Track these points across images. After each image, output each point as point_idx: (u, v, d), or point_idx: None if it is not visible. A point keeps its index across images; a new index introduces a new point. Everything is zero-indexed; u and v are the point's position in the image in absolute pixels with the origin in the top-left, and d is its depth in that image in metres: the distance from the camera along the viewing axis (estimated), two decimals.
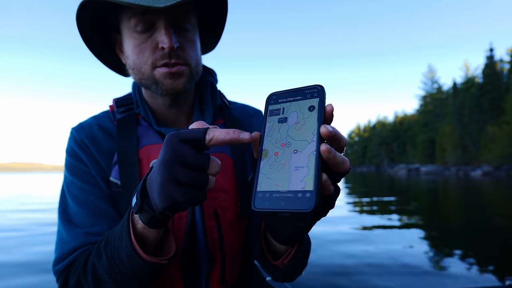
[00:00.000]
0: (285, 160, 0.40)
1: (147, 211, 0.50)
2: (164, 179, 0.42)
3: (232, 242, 0.78)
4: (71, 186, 0.75)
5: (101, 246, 0.60)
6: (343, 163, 0.40)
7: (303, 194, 0.37)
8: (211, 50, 0.93)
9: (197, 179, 0.43)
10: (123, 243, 0.55)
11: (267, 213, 0.39)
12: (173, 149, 0.43)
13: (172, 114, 0.81)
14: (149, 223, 0.52)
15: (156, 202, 0.45)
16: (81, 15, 0.71)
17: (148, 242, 0.56)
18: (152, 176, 0.46)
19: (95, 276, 0.59)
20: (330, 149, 0.38)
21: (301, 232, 0.54)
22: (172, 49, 0.68)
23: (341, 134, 0.41)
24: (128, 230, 0.55)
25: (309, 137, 0.40)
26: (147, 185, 0.48)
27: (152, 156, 0.74)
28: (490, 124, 44.93)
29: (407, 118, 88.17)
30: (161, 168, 0.43)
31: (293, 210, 0.37)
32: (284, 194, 0.39)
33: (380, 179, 26.19)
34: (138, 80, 0.75)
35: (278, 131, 0.43)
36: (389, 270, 3.13)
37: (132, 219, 0.55)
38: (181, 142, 0.43)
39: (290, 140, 0.41)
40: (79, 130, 0.79)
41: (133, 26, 0.70)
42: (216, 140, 0.42)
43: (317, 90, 0.43)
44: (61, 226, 0.72)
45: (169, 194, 0.42)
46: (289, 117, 0.43)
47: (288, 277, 0.68)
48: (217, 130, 0.43)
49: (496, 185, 17.51)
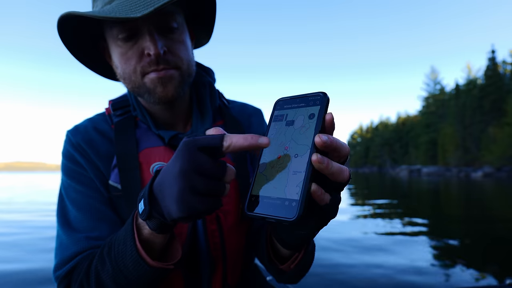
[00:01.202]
0: (286, 164, 0.41)
1: (156, 218, 0.49)
2: (182, 188, 0.42)
3: (233, 245, 0.77)
4: (69, 190, 0.74)
5: (104, 252, 0.59)
6: (339, 172, 0.40)
7: (289, 202, 0.38)
8: (206, 43, 0.92)
9: (214, 188, 0.43)
10: (127, 248, 0.54)
11: (257, 217, 0.41)
12: (191, 158, 0.42)
13: (169, 117, 0.80)
14: (157, 229, 0.51)
15: (172, 211, 0.44)
16: (62, 28, 0.69)
17: (155, 247, 0.56)
18: (164, 184, 0.45)
19: (99, 282, 0.58)
20: (322, 159, 0.38)
21: (306, 239, 0.53)
22: (158, 56, 0.67)
23: (341, 143, 0.41)
24: (133, 235, 0.54)
25: (308, 144, 0.40)
26: (156, 192, 0.47)
27: (152, 159, 0.73)
28: (492, 125, 45.04)
29: (409, 119, 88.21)
30: (179, 177, 0.42)
31: (279, 217, 0.38)
32: (273, 200, 0.39)
33: (381, 180, 26.19)
34: (130, 89, 0.74)
35: (284, 134, 0.43)
36: (389, 269, 3.12)
37: (137, 224, 0.55)
38: (198, 150, 0.42)
39: (293, 144, 0.42)
40: (75, 133, 0.78)
41: (116, 34, 0.68)
42: (233, 147, 0.42)
43: (319, 98, 0.43)
44: (60, 231, 0.70)
45: (187, 204, 0.42)
46: (296, 120, 0.43)
47: (294, 279, 0.68)
48: (234, 137, 0.42)
49: (496, 186, 17.57)
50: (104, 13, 0.62)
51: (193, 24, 0.82)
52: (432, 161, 63.20)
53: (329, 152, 0.41)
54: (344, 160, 0.42)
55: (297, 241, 0.54)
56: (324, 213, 0.44)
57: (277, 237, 0.59)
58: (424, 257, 3.59)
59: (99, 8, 0.70)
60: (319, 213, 0.44)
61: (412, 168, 53.49)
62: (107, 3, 0.68)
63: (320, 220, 0.46)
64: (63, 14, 0.65)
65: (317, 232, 0.50)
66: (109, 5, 0.67)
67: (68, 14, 0.65)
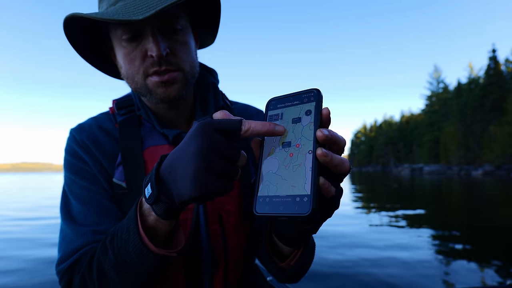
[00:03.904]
0: (300, 161, 0.41)
1: (163, 201, 0.49)
2: (200, 167, 0.41)
3: (235, 245, 0.78)
4: (73, 185, 0.74)
5: (107, 241, 0.58)
6: (342, 164, 0.41)
7: (300, 198, 0.39)
8: (211, 44, 0.92)
9: (229, 170, 0.43)
10: (130, 236, 0.54)
11: (267, 217, 0.41)
12: (209, 138, 0.42)
13: (172, 116, 0.80)
14: (164, 214, 0.51)
15: (185, 191, 0.43)
16: (68, 29, 0.71)
17: (160, 234, 0.55)
18: (176, 164, 0.45)
19: (101, 273, 0.58)
20: (326, 152, 0.39)
21: (308, 233, 0.54)
22: (161, 57, 0.67)
23: (339, 136, 0.42)
24: (136, 223, 0.54)
25: (310, 139, 0.41)
26: (165, 174, 0.47)
27: (157, 157, 0.73)
28: (493, 124, 45.39)
29: (413, 117, 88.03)
30: (196, 156, 0.42)
31: (291, 214, 0.39)
32: (283, 198, 0.40)
33: (384, 179, 26.38)
34: (133, 89, 0.75)
35: (292, 132, 0.44)
36: (389, 268, 3.15)
37: (141, 212, 0.54)
38: (215, 131, 0.42)
39: (304, 141, 0.42)
40: (79, 131, 0.78)
41: (120, 35, 0.69)
42: (252, 131, 0.43)
43: (313, 94, 0.44)
44: (64, 225, 0.70)
45: (203, 183, 0.41)
46: (303, 118, 0.43)
47: (294, 278, 0.68)
48: (253, 122, 0.43)
49: (495, 184, 17.89)
50: (107, 15, 0.64)
51: (198, 26, 0.84)
52: (435, 159, 63.34)
53: (330, 145, 0.42)
54: (342, 152, 0.43)
55: (300, 236, 0.55)
56: (330, 205, 0.45)
57: (278, 234, 0.59)
58: (425, 257, 3.56)
59: (104, 9, 0.71)
60: (325, 206, 0.45)
61: (414, 166, 54.22)
62: (112, 4, 0.69)
63: (325, 212, 0.47)
64: (68, 15, 0.67)
65: (320, 225, 0.51)
66: (113, 6, 0.68)
67: (73, 15, 0.66)
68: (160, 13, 0.65)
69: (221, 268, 0.76)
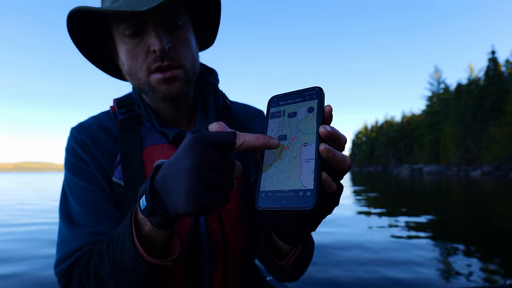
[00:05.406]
0: (295, 153, 0.42)
1: (158, 213, 0.49)
2: (193, 184, 0.41)
3: (235, 243, 0.78)
4: (73, 185, 0.73)
5: (103, 247, 0.58)
6: (343, 161, 0.42)
7: (304, 192, 0.39)
8: (210, 45, 0.93)
9: (224, 184, 0.43)
10: (125, 244, 0.54)
11: (270, 212, 0.41)
12: (202, 153, 0.41)
13: (173, 115, 0.80)
14: (159, 225, 0.51)
15: (179, 206, 0.43)
16: (71, 26, 0.71)
17: (156, 243, 0.55)
18: (170, 179, 0.44)
19: (97, 278, 0.58)
20: (329, 148, 0.40)
21: (308, 231, 0.54)
22: (163, 51, 0.68)
23: (340, 133, 0.42)
24: (131, 231, 0.53)
25: (313, 135, 0.42)
26: (159, 187, 0.47)
27: (156, 156, 0.74)
28: (492, 125, 45.51)
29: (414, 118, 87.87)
30: (190, 173, 0.41)
31: (294, 208, 0.39)
32: (286, 193, 0.40)
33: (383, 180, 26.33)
34: (135, 86, 0.75)
35: (288, 126, 0.44)
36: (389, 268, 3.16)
37: (137, 221, 0.54)
38: (208, 146, 0.42)
39: (300, 133, 0.43)
40: (79, 130, 0.78)
41: (123, 31, 0.69)
42: (246, 145, 0.42)
43: (316, 92, 0.44)
44: (62, 226, 0.70)
45: (197, 199, 0.41)
46: (298, 112, 0.44)
47: (292, 277, 0.68)
48: (247, 135, 0.43)
49: (492, 184, 17.90)
50: (111, 8, 0.65)
51: (198, 26, 0.84)
52: (435, 160, 63.41)
53: (331, 142, 0.42)
54: (343, 149, 0.44)
55: (300, 232, 0.55)
56: (330, 201, 0.45)
57: (277, 232, 0.59)
58: (425, 256, 3.58)
59: (107, 6, 0.71)
60: (326, 202, 0.45)
61: (414, 167, 54.34)
62: (115, 1, 0.69)
63: (325, 209, 0.47)
64: (72, 9, 0.67)
65: (319, 222, 0.51)
66: (116, 2, 0.69)
67: (77, 9, 0.67)
68: (162, 7, 0.66)
69: (221, 267, 0.76)
